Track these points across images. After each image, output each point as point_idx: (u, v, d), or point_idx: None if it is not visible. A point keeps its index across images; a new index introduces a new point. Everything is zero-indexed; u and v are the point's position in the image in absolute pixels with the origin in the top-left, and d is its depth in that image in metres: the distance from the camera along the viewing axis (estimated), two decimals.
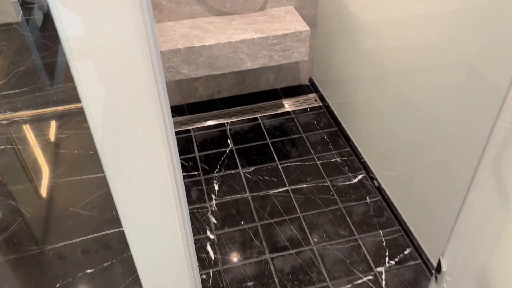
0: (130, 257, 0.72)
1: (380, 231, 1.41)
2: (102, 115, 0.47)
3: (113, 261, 1.31)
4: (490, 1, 0.89)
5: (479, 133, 0.96)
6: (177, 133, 1.83)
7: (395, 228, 1.41)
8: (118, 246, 1.35)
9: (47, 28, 2.32)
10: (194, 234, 1.41)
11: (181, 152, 1.76)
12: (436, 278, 1.31)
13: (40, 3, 2.35)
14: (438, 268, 1.27)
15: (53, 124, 1.87)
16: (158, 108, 0.47)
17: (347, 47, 1.61)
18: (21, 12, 2.28)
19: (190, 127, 1.86)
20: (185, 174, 1.64)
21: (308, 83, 2.09)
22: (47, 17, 2.31)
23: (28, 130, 1.84)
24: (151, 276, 0.71)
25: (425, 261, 1.31)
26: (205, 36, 1.60)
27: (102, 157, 0.50)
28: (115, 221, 1.39)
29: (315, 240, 1.39)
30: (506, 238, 0.78)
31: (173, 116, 1.90)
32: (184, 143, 1.79)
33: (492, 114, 0.70)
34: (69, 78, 2.05)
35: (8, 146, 1.76)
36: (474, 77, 0.98)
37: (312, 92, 2.04)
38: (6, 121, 1.83)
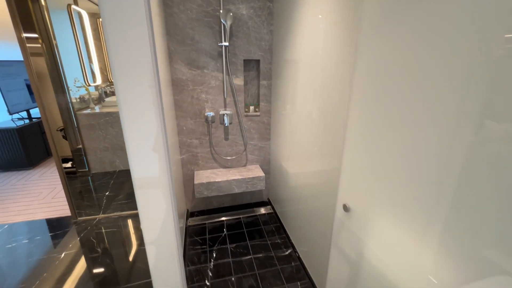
0: None
1: None
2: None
3: None
4: None
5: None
6: (196, 225, 3.57)
7: None
8: None
9: None
10: None
11: (199, 234, 3.44)
12: None
13: None
14: None
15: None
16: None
17: (282, 184, 3.40)
18: None
19: (205, 222, 3.59)
20: (198, 247, 3.30)
21: (267, 200, 3.85)
22: None
23: (128, 221, 3.65)
24: None
25: None
26: (216, 177, 3.47)
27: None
28: None
29: None
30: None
31: (196, 216, 3.67)
32: (200, 230, 3.49)
33: None
34: None
35: (114, 229, 3.55)
36: None
37: (269, 205, 3.78)
38: (116, 217, 3.66)
